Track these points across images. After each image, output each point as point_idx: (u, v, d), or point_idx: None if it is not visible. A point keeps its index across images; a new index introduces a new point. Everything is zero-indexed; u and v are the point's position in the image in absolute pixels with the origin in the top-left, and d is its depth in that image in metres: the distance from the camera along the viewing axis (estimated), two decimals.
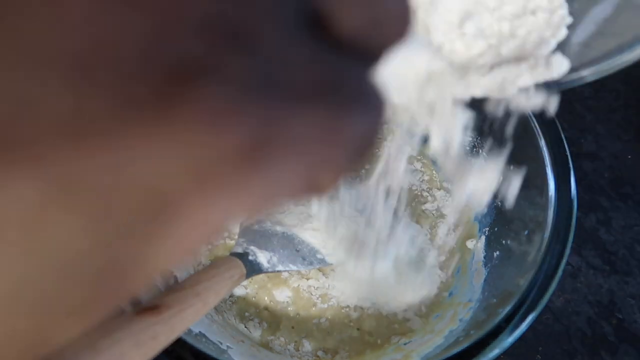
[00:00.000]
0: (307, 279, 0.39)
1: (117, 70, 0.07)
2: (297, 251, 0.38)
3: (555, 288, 0.31)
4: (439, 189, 0.46)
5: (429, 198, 0.46)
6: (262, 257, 0.36)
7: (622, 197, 0.49)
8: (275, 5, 0.08)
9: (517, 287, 0.32)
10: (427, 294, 0.40)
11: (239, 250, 0.35)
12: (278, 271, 0.37)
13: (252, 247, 0.36)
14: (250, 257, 0.35)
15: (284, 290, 0.39)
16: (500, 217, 0.40)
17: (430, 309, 0.39)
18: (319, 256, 0.39)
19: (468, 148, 0.45)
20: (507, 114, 0.23)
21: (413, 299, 0.39)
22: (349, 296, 0.39)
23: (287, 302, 0.39)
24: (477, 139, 0.44)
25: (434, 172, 0.47)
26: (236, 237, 0.38)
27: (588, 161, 0.51)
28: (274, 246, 0.37)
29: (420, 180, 0.47)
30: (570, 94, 0.55)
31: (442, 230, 0.44)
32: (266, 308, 0.39)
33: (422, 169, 0.47)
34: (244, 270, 0.33)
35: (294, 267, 0.37)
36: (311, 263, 0.38)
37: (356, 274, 0.39)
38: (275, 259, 0.36)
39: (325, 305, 0.39)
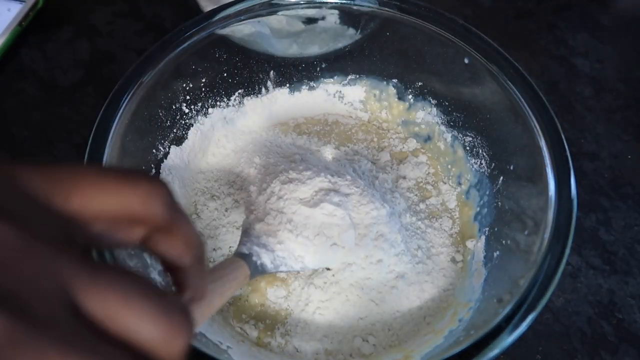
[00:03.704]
0: (308, 278, 0.39)
1: None
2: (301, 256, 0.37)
3: (555, 288, 0.31)
4: (444, 183, 0.46)
5: (434, 192, 0.45)
6: (266, 258, 0.35)
7: (622, 197, 0.49)
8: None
9: (517, 287, 0.32)
10: (432, 296, 0.40)
11: (244, 250, 0.35)
12: (281, 272, 0.37)
13: (255, 248, 0.35)
14: (254, 258, 0.35)
15: (278, 289, 0.39)
16: (500, 217, 0.40)
17: (433, 317, 0.39)
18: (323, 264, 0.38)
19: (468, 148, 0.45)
20: None
21: (420, 300, 0.39)
22: (353, 299, 0.39)
23: (281, 302, 0.39)
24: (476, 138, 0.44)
25: (438, 166, 0.47)
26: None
27: (588, 161, 0.51)
28: (277, 250, 0.36)
29: (426, 173, 0.47)
30: (570, 94, 0.55)
31: (446, 225, 0.43)
32: (261, 309, 0.39)
33: (428, 162, 0.47)
34: (248, 271, 0.33)
35: (297, 268, 0.37)
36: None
37: (360, 274, 0.38)
38: (278, 260, 0.36)
39: (328, 306, 0.38)
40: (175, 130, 0.43)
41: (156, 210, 0.18)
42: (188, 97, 0.44)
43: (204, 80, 0.44)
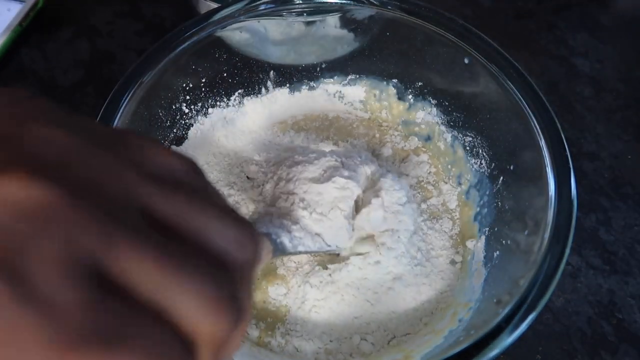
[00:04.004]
0: (305, 276, 0.39)
1: None
2: (318, 234, 0.36)
3: (555, 288, 0.31)
4: (445, 182, 0.46)
5: (434, 192, 0.45)
6: (285, 237, 0.34)
7: (622, 197, 0.49)
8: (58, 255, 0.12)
9: (517, 287, 0.32)
10: (428, 298, 0.39)
11: (262, 230, 0.34)
12: (299, 252, 0.35)
13: (272, 229, 0.35)
14: (273, 237, 0.34)
15: (279, 287, 0.39)
16: (500, 217, 0.40)
17: (431, 316, 0.39)
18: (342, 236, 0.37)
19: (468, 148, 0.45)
20: None
21: (415, 301, 0.39)
22: (348, 299, 0.38)
23: (281, 299, 0.39)
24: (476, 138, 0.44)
25: (439, 165, 0.47)
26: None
27: (588, 161, 0.51)
28: (294, 230, 0.35)
29: (427, 172, 0.46)
30: (570, 94, 0.55)
31: (446, 226, 0.43)
32: (262, 307, 0.39)
33: (429, 160, 0.47)
34: (271, 247, 0.32)
35: (314, 248, 0.36)
36: (331, 245, 0.37)
37: (361, 272, 0.38)
38: (296, 240, 0.35)
39: (323, 305, 0.38)
40: (175, 130, 0.43)
41: (194, 172, 0.19)
42: (188, 97, 0.44)
43: (204, 80, 0.44)
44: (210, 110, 0.46)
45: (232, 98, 0.47)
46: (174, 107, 0.43)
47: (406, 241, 0.39)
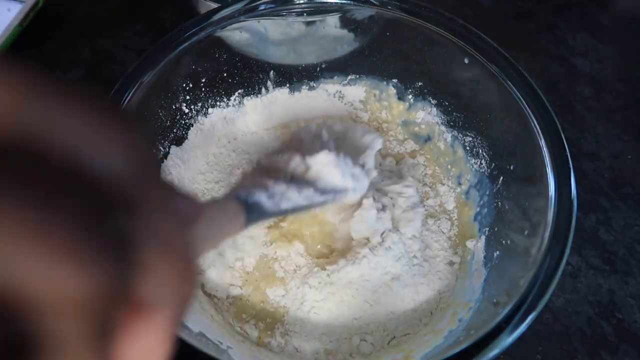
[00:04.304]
0: (304, 277, 0.39)
1: None
2: (305, 183, 0.29)
3: (555, 288, 0.31)
4: (442, 184, 0.46)
5: (431, 193, 0.45)
6: (260, 196, 0.26)
7: (622, 197, 0.49)
8: None
9: (517, 287, 0.32)
10: (427, 298, 0.40)
11: (227, 193, 0.27)
12: (285, 212, 0.28)
13: (241, 192, 0.26)
14: (242, 196, 0.26)
15: (277, 289, 0.39)
16: (500, 217, 0.40)
17: (431, 316, 0.39)
18: (338, 185, 0.30)
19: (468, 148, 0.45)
20: None
21: (414, 302, 0.39)
22: (347, 300, 0.38)
23: (279, 299, 0.39)
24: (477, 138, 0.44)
25: (436, 167, 0.47)
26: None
27: (588, 161, 0.51)
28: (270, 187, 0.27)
29: (423, 174, 0.46)
30: (570, 94, 0.55)
31: (444, 226, 0.43)
32: (261, 308, 0.39)
33: (425, 163, 0.47)
34: (240, 209, 0.25)
35: (302, 202, 0.28)
36: (327, 192, 0.30)
37: (358, 274, 0.38)
38: (276, 197, 0.27)
39: (322, 306, 0.38)
40: (175, 130, 0.43)
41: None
42: (188, 97, 0.44)
43: (204, 80, 0.44)
44: (210, 110, 0.46)
45: (232, 98, 0.47)
46: (174, 107, 0.43)
47: (407, 242, 0.39)
